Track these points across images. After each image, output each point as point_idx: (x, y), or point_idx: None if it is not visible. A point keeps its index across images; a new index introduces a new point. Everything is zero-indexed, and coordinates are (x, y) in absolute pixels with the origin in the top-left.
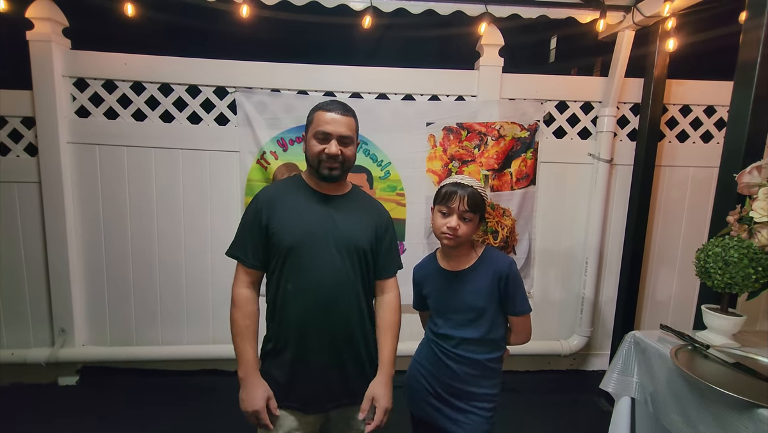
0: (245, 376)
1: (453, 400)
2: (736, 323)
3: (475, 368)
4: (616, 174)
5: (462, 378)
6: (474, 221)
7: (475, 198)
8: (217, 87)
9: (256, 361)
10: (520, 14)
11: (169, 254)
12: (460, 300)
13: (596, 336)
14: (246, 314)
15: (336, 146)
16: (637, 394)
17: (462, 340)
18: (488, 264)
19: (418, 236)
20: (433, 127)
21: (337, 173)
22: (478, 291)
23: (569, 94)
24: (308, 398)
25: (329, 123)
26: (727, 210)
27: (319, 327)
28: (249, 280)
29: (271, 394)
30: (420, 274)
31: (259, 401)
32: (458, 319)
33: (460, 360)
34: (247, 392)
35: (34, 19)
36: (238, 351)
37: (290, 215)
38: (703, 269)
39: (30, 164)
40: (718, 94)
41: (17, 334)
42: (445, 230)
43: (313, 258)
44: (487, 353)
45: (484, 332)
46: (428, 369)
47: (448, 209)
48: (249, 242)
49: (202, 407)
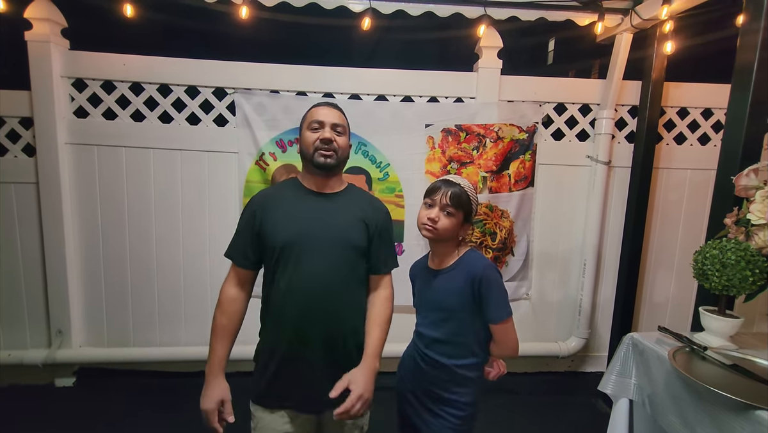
0: (208, 373)
1: (424, 399)
2: (734, 324)
3: (443, 372)
4: (614, 176)
5: (431, 380)
6: (456, 217)
7: (459, 195)
8: (216, 88)
9: (223, 360)
10: (519, 17)
11: (167, 254)
12: (434, 298)
13: (594, 338)
14: (225, 313)
15: (330, 132)
16: (635, 396)
17: (431, 340)
18: (465, 266)
19: (417, 237)
20: (432, 129)
21: (332, 161)
22: (449, 290)
23: (567, 97)
24: (301, 397)
25: (322, 114)
26: (724, 212)
27: (312, 325)
28: (238, 279)
29: (227, 398)
30: (413, 271)
31: (210, 402)
32: (431, 317)
33: (429, 361)
34: (205, 390)
35: (33, 19)
36: (209, 348)
37: (284, 215)
38: (700, 271)
39: (28, 165)
40: (716, 97)
41: (14, 335)
42: (425, 220)
43: (305, 256)
44: (454, 358)
45: (451, 334)
46: (408, 366)
47: (432, 201)
48: (240, 242)
49: (200, 408)
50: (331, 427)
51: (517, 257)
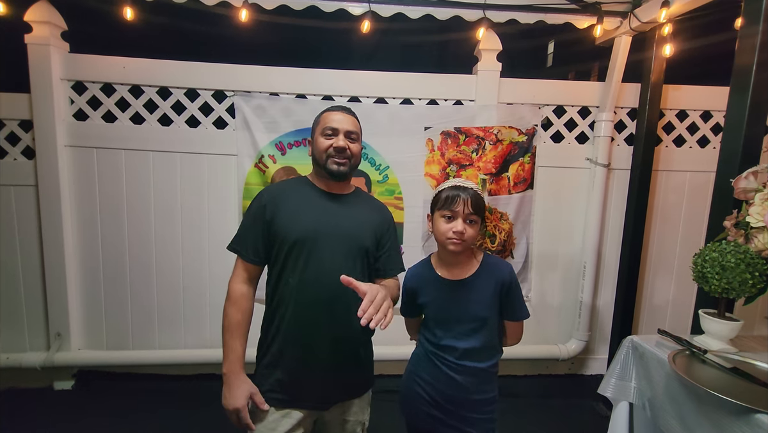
0: (229, 372)
1: (456, 409)
2: (734, 327)
3: (477, 376)
4: (613, 178)
5: (466, 387)
6: (478, 223)
7: (478, 200)
8: (215, 90)
9: (242, 358)
10: (518, 19)
11: (166, 257)
12: (464, 310)
13: (594, 340)
14: (240, 309)
15: (343, 139)
16: (635, 399)
17: (466, 351)
18: (490, 272)
19: (416, 239)
20: (431, 132)
21: (344, 169)
22: (481, 301)
23: (567, 99)
24: (306, 394)
25: (336, 120)
26: (723, 215)
27: (319, 324)
28: (247, 275)
29: (255, 390)
30: (415, 281)
31: (240, 399)
32: (461, 329)
33: (465, 371)
34: (229, 389)
35: (33, 22)
36: (225, 346)
37: (295, 211)
38: (700, 274)
39: (27, 167)
40: (715, 100)
41: (12, 338)
42: (451, 234)
43: (316, 254)
44: (488, 360)
45: (486, 340)
46: (427, 381)
47: (453, 213)
48: (251, 236)
49: (199, 411)
50: (333, 424)
51: (516, 260)
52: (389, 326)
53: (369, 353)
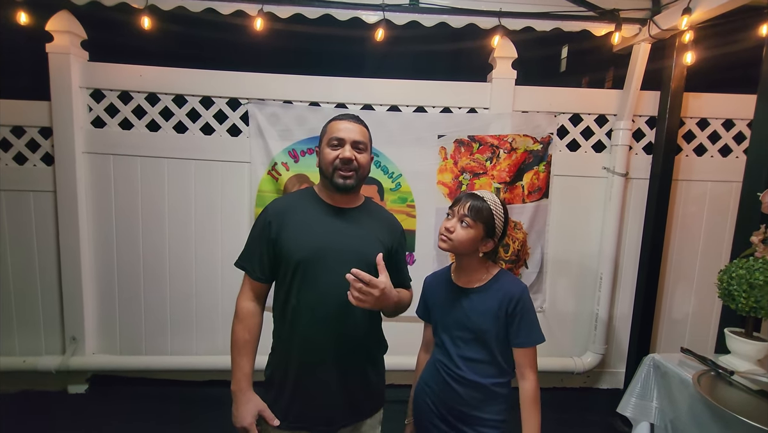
0: (237, 390)
1: (458, 424)
2: (762, 348)
3: (479, 391)
4: (631, 188)
5: (467, 402)
6: (474, 229)
7: (479, 208)
8: (230, 98)
9: (250, 375)
10: (534, 27)
11: (179, 262)
12: (464, 317)
13: (610, 354)
14: (247, 327)
15: (350, 150)
16: (657, 420)
17: (465, 359)
18: (499, 287)
19: (428, 247)
20: (445, 140)
21: (351, 183)
22: (481, 313)
23: (583, 107)
24: (313, 417)
25: (342, 130)
26: (750, 230)
27: (326, 344)
28: (254, 293)
29: (263, 407)
30: (430, 282)
31: (247, 417)
32: (461, 335)
33: (466, 383)
34: (237, 407)
35: (54, 32)
36: (233, 364)
37: (300, 229)
38: (726, 292)
39: (46, 174)
40: (737, 108)
41: (29, 341)
42: (442, 230)
43: (322, 273)
44: (491, 376)
45: (487, 354)
46: (433, 390)
47: (452, 212)
48: (257, 254)
49: (210, 418)
50: None
51: (531, 270)
52: (405, 335)
53: (380, 373)
